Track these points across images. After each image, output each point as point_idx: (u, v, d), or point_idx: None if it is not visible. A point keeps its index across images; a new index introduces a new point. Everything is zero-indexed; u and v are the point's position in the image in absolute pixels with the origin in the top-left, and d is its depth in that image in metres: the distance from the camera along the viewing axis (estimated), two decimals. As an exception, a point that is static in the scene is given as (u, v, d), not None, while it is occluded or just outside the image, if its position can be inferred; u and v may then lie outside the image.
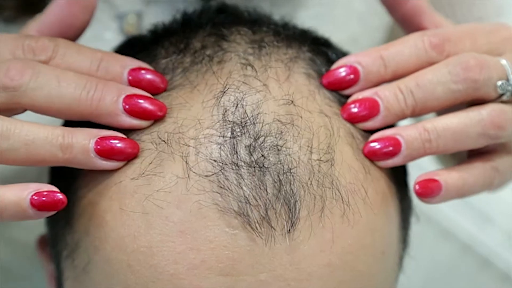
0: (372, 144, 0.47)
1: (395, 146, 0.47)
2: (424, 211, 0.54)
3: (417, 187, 0.47)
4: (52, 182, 0.52)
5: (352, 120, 0.48)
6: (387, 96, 0.48)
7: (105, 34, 0.58)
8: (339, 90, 0.49)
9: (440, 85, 0.47)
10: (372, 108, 0.47)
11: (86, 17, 0.49)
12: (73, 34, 0.49)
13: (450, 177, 0.48)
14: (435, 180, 0.48)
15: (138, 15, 0.59)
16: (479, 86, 0.48)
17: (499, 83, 0.48)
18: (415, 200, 0.50)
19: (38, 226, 0.56)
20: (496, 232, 0.98)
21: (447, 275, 0.96)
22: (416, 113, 0.48)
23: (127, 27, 0.59)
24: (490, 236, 0.98)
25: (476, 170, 0.49)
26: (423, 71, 0.48)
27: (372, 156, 0.47)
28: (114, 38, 0.58)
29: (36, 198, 0.44)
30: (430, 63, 0.48)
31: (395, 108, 0.48)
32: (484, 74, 0.47)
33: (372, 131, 0.48)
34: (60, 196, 0.44)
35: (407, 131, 0.47)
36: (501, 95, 0.49)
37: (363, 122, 0.48)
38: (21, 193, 0.44)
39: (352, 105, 0.48)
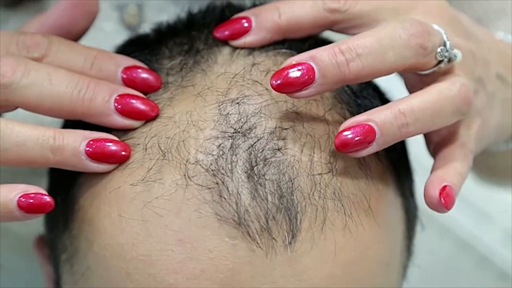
0: (345, 133, 0.43)
1: (368, 135, 0.44)
2: (423, 209, 0.54)
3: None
4: (51, 184, 0.52)
5: (283, 90, 0.44)
6: (324, 60, 0.44)
7: (104, 25, 0.58)
8: (234, 40, 0.48)
9: (393, 49, 0.44)
10: (306, 74, 0.43)
11: (87, 24, 0.49)
12: (71, 38, 0.49)
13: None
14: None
15: (139, 6, 0.58)
16: (427, 53, 0.45)
17: (439, 49, 0.46)
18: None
19: (33, 221, 0.56)
20: (495, 230, 0.98)
21: (446, 273, 0.96)
22: (360, 80, 0.45)
23: (127, 17, 0.58)
24: (489, 234, 0.98)
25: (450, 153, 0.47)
26: (370, 33, 0.45)
27: (344, 148, 0.44)
28: (114, 29, 0.58)
29: (23, 200, 0.44)
30: (330, 14, 0.47)
31: (334, 74, 0.44)
32: (431, 40, 0.45)
33: None
34: (48, 198, 0.44)
35: (381, 116, 0.44)
36: (439, 62, 0.46)
37: (296, 92, 0.44)
38: (8, 194, 0.44)
39: (287, 72, 0.44)
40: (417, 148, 0.53)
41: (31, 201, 0.44)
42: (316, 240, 0.43)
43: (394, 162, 0.49)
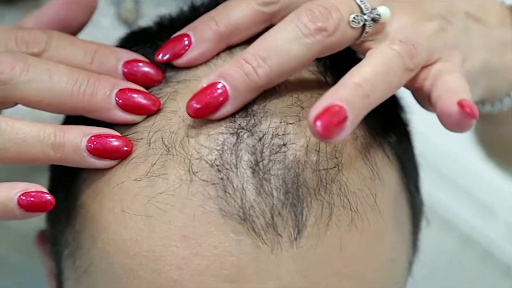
0: (318, 123, 0.40)
1: (340, 115, 0.41)
2: (427, 204, 0.54)
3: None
4: (52, 180, 0.51)
5: (202, 114, 0.44)
6: (232, 74, 0.43)
7: (101, 20, 0.58)
8: (176, 59, 0.47)
9: (294, 42, 0.43)
10: (221, 94, 0.43)
11: (85, 18, 0.49)
12: (70, 33, 0.48)
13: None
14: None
15: (136, 1, 0.58)
16: (331, 32, 0.43)
17: (352, 17, 0.44)
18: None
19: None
20: (498, 224, 0.98)
21: (449, 267, 0.96)
22: (274, 82, 0.44)
23: (124, 13, 0.58)
24: (492, 228, 0.98)
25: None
26: (269, 33, 0.44)
27: (326, 132, 0.40)
28: (111, 24, 0.58)
29: (23, 198, 0.43)
30: (265, 7, 0.46)
31: (245, 85, 0.43)
32: (333, 18, 0.43)
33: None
34: (48, 197, 0.44)
35: (342, 94, 0.41)
36: (363, 30, 0.45)
37: (211, 114, 0.44)
38: (9, 193, 0.43)
39: (203, 95, 0.44)
40: (422, 143, 0.53)
41: (31, 199, 0.43)
42: (322, 236, 0.43)
43: (400, 157, 0.48)
